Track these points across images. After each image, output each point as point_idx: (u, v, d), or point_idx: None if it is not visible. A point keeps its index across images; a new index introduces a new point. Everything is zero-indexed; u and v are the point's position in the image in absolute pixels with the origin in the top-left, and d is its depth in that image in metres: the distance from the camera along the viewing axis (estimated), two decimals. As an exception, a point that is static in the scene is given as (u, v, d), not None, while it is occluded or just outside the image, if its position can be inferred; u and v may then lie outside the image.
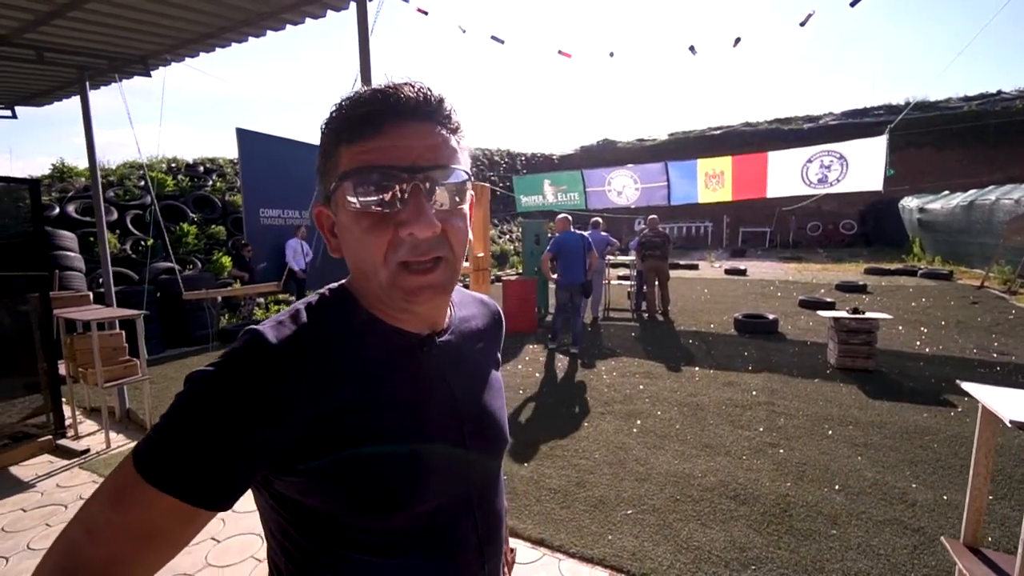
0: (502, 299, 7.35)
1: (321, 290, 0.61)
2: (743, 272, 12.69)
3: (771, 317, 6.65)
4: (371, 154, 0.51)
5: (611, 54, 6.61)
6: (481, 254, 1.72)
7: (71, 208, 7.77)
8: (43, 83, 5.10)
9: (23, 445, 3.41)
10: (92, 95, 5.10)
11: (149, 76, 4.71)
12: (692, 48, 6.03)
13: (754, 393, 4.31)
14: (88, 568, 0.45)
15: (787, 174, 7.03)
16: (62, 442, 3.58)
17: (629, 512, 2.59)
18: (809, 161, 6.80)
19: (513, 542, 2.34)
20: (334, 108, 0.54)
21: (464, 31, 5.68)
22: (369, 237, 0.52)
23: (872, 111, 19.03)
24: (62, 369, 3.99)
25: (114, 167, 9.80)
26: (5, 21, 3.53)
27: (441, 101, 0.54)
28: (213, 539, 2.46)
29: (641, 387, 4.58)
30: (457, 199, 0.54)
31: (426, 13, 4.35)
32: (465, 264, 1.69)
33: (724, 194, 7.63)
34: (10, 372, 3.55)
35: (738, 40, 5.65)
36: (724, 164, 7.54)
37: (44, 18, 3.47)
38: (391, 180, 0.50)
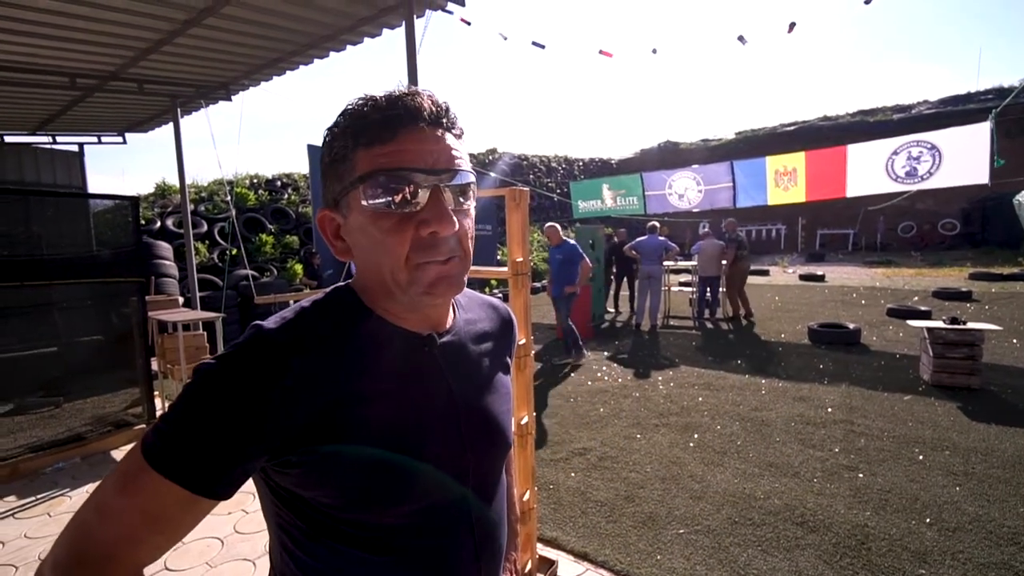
0: (556, 305, 7.29)
1: (327, 289, 0.62)
2: (820, 278, 11.67)
3: (852, 327, 6.05)
4: (390, 157, 0.53)
5: (654, 51, 6.34)
6: (520, 259, 1.68)
7: (169, 222, 8.72)
8: (144, 111, 5.79)
9: (123, 432, 3.83)
10: (184, 121, 5.72)
11: (230, 100, 5.19)
12: (741, 38, 5.65)
13: (829, 410, 3.93)
14: (98, 546, 0.49)
15: (870, 169, 6.34)
16: (153, 431, 3.99)
17: (681, 532, 2.44)
18: (895, 153, 6.12)
19: (554, 554, 2.27)
20: (346, 113, 0.56)
21: (505, 38, 5.72)
22: (390, 238, 0.53)
23: (977, 96, 16.77)
24: (155, 365, 4.45)
25: (205, 184, 10.88)
26: (112, 59, 4.08)
27: (448, 108, 0.56)
28: (243, 510, 2.67)
29: (700, 399, 4.33)
30: (461, 199, 0.56)
31: (469, 23, 4.43)
32: (503, 269, 1.67)
33: (796, 194, 7.07)
34: (116, 367, 4.01)
35: (793, 25, 5.21)
36: (796, 160, 6.99)
37: (142, 54, 3.94)
38: (412, 182, 0.53)
